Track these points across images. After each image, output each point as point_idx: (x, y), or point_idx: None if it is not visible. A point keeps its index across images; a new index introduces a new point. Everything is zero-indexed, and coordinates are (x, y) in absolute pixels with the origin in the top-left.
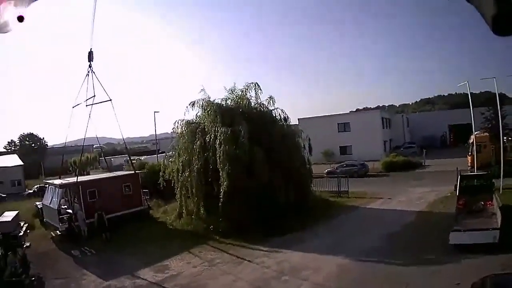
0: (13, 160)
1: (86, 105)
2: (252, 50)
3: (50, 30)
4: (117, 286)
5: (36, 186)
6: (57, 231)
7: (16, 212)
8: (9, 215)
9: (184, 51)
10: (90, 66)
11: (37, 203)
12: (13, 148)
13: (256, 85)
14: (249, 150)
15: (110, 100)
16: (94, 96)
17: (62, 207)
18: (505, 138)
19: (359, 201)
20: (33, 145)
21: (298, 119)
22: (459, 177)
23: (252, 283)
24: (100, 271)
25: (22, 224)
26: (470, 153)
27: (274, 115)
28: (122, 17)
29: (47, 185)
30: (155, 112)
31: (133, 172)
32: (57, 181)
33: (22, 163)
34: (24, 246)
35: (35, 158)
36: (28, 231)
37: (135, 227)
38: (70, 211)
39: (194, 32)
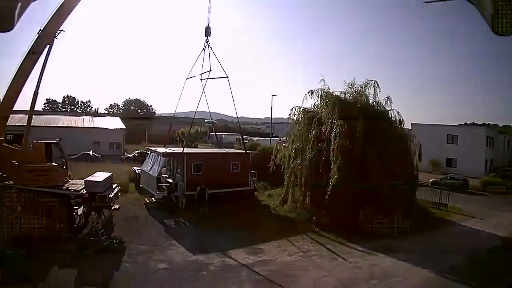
0: (114, 123)
1: (201, 79)
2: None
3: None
4: (204, 261)
5: (136, 151)
6: (152, 199)
7: (109, 173)
8: (100, 176)
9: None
10: (207, 41)
11: (135, 168)
12: (115, 111)
13: (375, 83)
14: (363, 147)
15: (227, 77)
16: (210, 71)
17: (163, 175)
18: None
19: (456, 217)
20: (138, 110)
21: (412, 124)
22: None
23: (341, 281)
24: (190, 244)
25: (114, 186)
26: None
27: (390, 116)
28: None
29: (149, 152)
30: (272, 95)
31: (243, 151)
32: (161, 149)
33: (124, 127)
34: (113, 208)
35: (139, 123)
36: (120, 194)
37: (237, 207)
38: (170, 180)
39: (315, 23)
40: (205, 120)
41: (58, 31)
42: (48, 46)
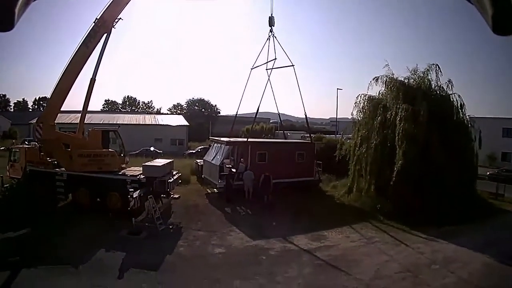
0: (177, 120)
1: (266, 69)
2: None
3: None
4: (264, 246)
5: (199, 147)
6: (214, 189)
7: (170, 160)
8: (160, 161)
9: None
10: (271, 31)
11: (198, 160)
12: (178, 111)
13: (437, 66)
14: (426, 131)
15: (293, 65)
16: (275, 59)
17: (226, 166)
18: None
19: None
20: (202, 110)
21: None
22: None
23: (403, 266)
24: (250, 230)
25: (174, 173)
26: None
27: (451, 100)
28: None
29: (213, 142)
30: (338, 89)
31: (309, 141)
32: (225, 139)
33: (187, 124)
34: (172, 196)
35: (203, 122)
36: (180, 181)
37: (301, 196)
38: (234, 170)
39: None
40: (271, 120)
41: (116, 20)
42: (105, 34)
